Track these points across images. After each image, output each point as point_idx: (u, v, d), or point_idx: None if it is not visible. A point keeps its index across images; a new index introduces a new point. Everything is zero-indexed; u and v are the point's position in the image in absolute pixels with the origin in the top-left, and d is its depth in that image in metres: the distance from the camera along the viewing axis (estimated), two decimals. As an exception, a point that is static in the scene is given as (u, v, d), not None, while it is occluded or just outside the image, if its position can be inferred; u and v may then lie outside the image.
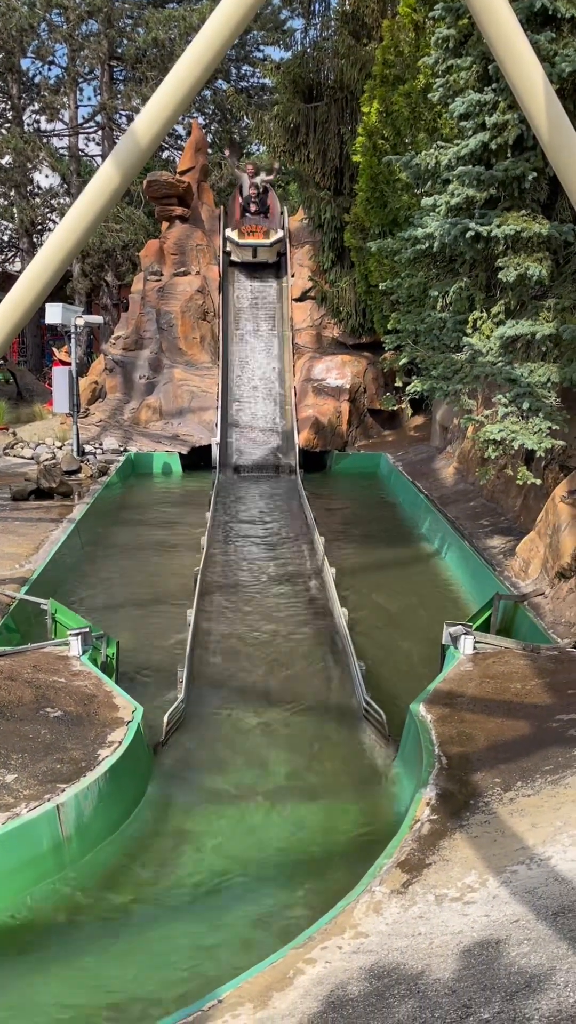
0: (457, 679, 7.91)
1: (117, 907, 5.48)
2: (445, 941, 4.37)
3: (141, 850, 6.09)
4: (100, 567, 13.40)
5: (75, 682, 7.70)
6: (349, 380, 23.39)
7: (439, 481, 18.02)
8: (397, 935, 4.46)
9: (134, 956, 5.03)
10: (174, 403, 23.48)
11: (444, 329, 12.68)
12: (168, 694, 8.57)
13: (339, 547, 14.30)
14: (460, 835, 5.43)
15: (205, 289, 24.46)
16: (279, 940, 4.95)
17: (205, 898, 5.56)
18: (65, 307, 20.73)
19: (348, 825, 6.49)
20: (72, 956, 5.02)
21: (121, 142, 4.93)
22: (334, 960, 4.29)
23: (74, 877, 5.70)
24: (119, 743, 6.61)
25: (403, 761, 7.16)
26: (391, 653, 9.95)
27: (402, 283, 13.62)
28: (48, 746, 6.54)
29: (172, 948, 5.11)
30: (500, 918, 4.53)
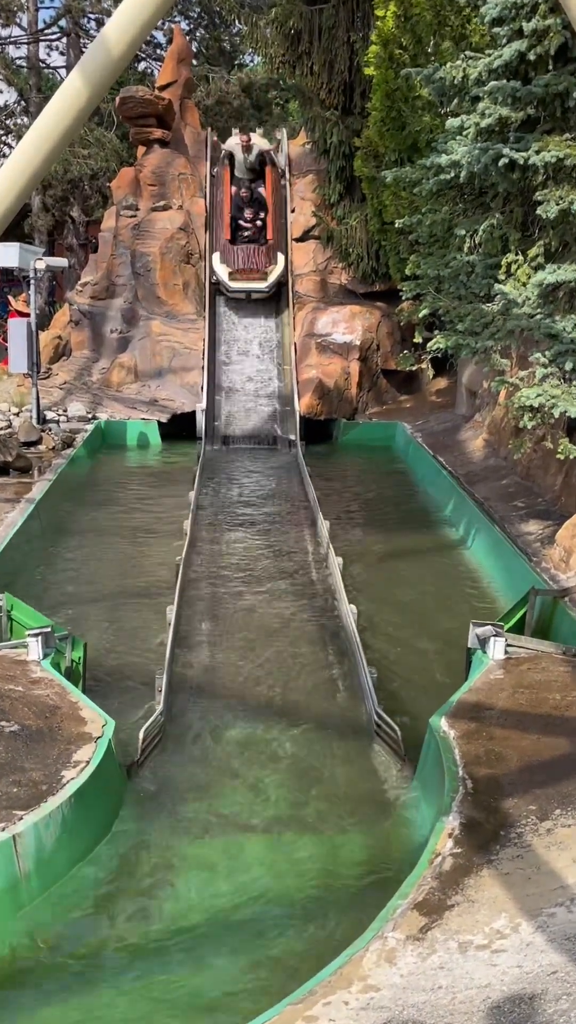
0: (485, 689, 7.91)
1: (83, 954, 5.49)
2: (470, 996, 4.39)
3: (111, 888, 6.10)
4: (64, 556, 13.40)
5: (35, 691, 7.70)
6: (359, 335, 23.34)
7: (465, 455, 18.00)
8: (414, 989, 4.48)
9: (103, 1011, 5.05)
10: (152, 362, 23.43)
11: (472, 275, 12.64)
12: (144, 705, 8.58)
13: (347, 533, 14.30)
14: (488, 872, 5.44)
15: (189, 227, 24.38)
16: (274, 994, 4.97)
17: (186, 945, 5.57)
18: (23, 247, 20.65)
19: (356, 860, 6.51)
20: (33, 1010, 5.04)
21: (89, 51, 4.89)
22: (339, 1018, 4.30)
23: (33, 919, 5.70)
24: (86, 763, 6.62)
25: (421, 784, 7.17)
26: (407, 658, 9.96)
27: (423, 220, 13.57)
28: (2, 766, 6.55)
29: (147, 1004, 5.13)
30: (535, 969, 4.54)
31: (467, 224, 12.60)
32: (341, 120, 23.73)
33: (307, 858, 6.47)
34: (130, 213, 24.66)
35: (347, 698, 9.00)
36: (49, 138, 5.01)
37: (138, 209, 24.68)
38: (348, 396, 23.02)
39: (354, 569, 12.34)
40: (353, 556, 12.81)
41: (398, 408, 23.39)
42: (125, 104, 24.73)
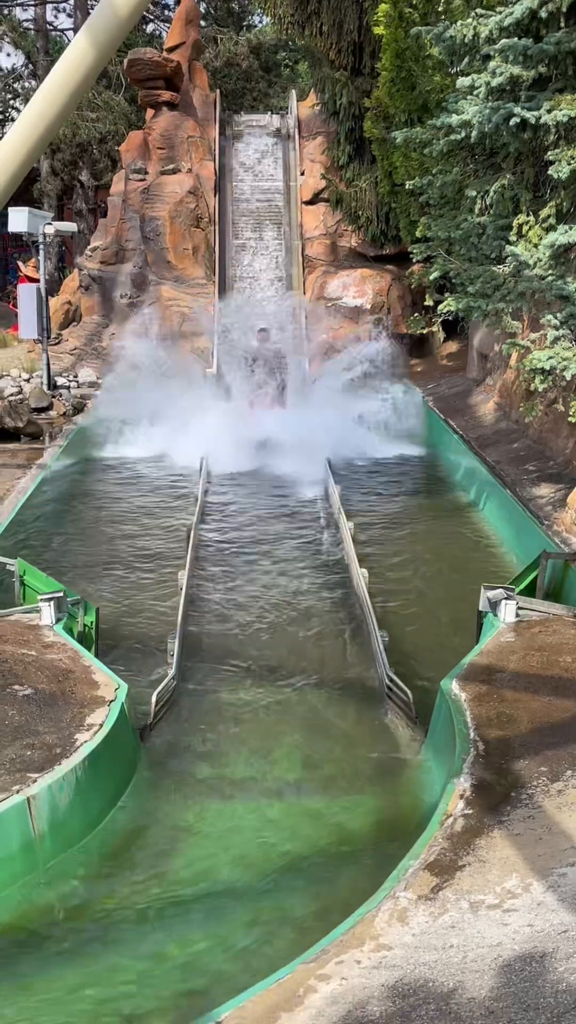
0: (496, 651, 7.92)
1: (98, 915, 5.54)
2: (481, 955, 4.42)
3: (125, 850, 6.14)
4: (76, 521, 13.42)
5: (48, 655, 7.74)
6: (370, 299, 23.22)
7: (476, 419, 17.95)
8: (425, 948, 4.51)
9: (117, 971, 5.10)
10: (162, 327, 23.35)
11: (483, 236, 12.55)
12: (157, 669, 8.61)
13: (358, 497, 14.29)
14: (499, 832, 5.47)
15: (198, 190, 24.24)
16: (287, 953, 5.01)
17: (200, 905, 5.62)
18: (32, 212, 20.56)
19: (367, 821, 6.54)
20: (45, 971, 5.09)
21: (96, 12, 4.85)
22: (352, 976, 4.34)
23: (48, 880, 5.75)
24: (100, 726, 6.65)
25: (432, 747, 7.20)
26: (418, 621, 9.97)
27: (433, 181, 13.45)
28: (16, 729, 6.59)
29: (162, 962, 5.17)
30: (546, 928, 4.57)
31: (478, 185, 12.49)
32: (351, 81, 23.51)
33: (318, 819, 6.50)
34: (139, 177, 24.50)
35: (357, 660, 9.02)
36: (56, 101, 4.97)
37: (147, 173, 24.53)
38: (359, 360, 22.92)
39: (365, 532, 12.33)
40: (364, 520, 12.80)
41: (409, 372, 23.29)
42: (133, 66, 24.53)
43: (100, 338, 23.92)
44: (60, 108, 5.13)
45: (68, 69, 4.92)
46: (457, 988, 4.18)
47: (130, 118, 32.61)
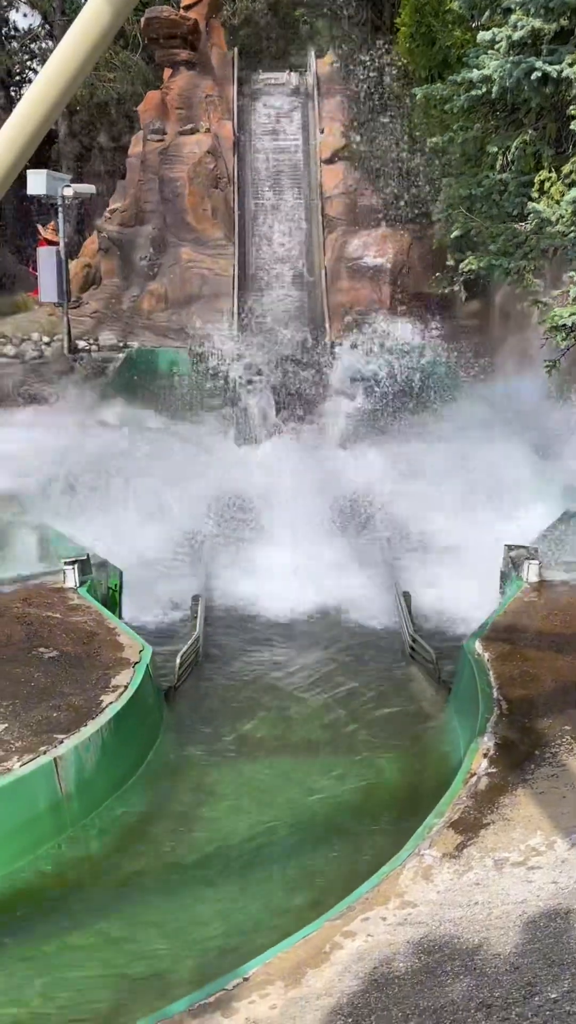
0: (519, 611, 7.92)
1: (126, 874, 5.59)
2: (506, 911, 4.45)
3: (152, 809, 6.19)
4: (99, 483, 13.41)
5: (72, 617, 7.78)
6: (390, 258, 23.00)
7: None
8: (450, 905, 4.54)
9: (146, 928, 5.15)
10: (182, 289, 23.23)
11: (505, 193, 12.43)
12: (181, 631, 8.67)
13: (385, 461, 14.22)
14: (523, 791, 5.48)
15: (217, 150, 24.03)
16: (313, 911, 5.06)
17: (227, 864, 5.67)
18: (50, 175, 20.46)
19: (392, 780, 6.57)
20: (78, 928, 5.15)
21: (112, -32, 4.78)
22: (377, 933, 4.38)
23: (76, 840, 5.81)
24: (124, 687, 6.69)
25: (456, 706, 7.21)
26: (441, 583, 9.96)
27: (454, 138, 13.33)
28: (43, 691, 6.64)
29: (190, 919, 5.23)
30: (570, 885, 4.59)
31: (499, 141, 12.37)
32: (370, 37, 23.19)
33: (343, 778, 6.53)
34: (157, 137, 24.31)
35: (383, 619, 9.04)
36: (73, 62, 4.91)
37: (165, 133, 24.33)
38: (379, 321, 22.78)
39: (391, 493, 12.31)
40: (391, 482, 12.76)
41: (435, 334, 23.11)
42: (150, 25, 24.26)
43: (120, 301, 23.83)
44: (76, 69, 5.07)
45: (85, 29, 4.86)
46: (482, 944, 4.22)
47: (148, 78, 32.30)
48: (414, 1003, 3.85)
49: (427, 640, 8.25)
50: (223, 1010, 3.95)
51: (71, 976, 4.82)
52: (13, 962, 4.91)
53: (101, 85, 32.36)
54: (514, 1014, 3.70)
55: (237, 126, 24.49)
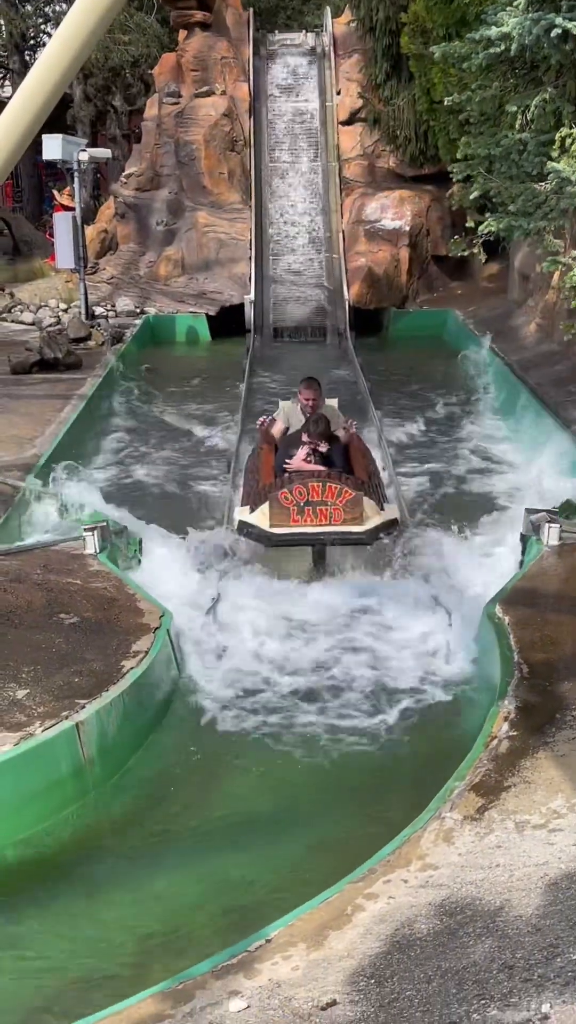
0: (540, 575, 7.91)
1: (149, 837, 5.63)
2: (528, 873, 4.46)
3: (174, 773, 6.22)
4: (116, 452, 13.46)
5: (92, 584, 7.81)
6: (409, 220, 22.86)
7: (518, 341, 17.74)
8: (471, 867, 4.56)
9: (170, 890, 5.20)
10: (198, 254, 23.16)
11: (524, 153, 12.27)
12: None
13: (399, 424, 14.21)
14: (544, 754, 5.49)
15: (233, 112, 23.86)
16: (334, 873, 5.08)
17: (247, 827, 5.70)
18: (66, 139, 20.33)
19: (413, 743, 6.58)
20: (101, 890, 5.20)
21: None
22: (399, 895, 4.40)
23: (98, 804, 5.85)
24: (145, 653, 6.73)
25: (477, 670, 7.21)
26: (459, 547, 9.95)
27: (472, 97, 13.14)
28: (64, 657, 6.67)
29: (212, 882, 5.27)
30: (592, 847, 4.61)
31: (518, 99, 12.18)
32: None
33: (362, 741, 6.55)
34: (172, 100, 24.16)
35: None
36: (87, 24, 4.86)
37: (181, 96, 24.17)
38: (398, 284, 22.65)
39: (406, 458, 12.28)
40: (405, 446, 12.74)
41: (449, 295, 23.00)
42: (164, -14, 24.07)
43: (137, 266, 23.76)
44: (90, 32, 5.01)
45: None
46: (504, 906, 4.23)
47: (162, 40, 32.04)
48: (436, 964, 3.88)
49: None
50: (246, 971, 3.98)
51: (95, 937, 4.87)
52: (36, 923, 4.96)
53: (116, 48, 32.15)
54: (536, 975, 3.72)
55: (253, 88, 24.29)
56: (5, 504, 9.95)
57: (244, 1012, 3.73)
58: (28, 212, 34.97)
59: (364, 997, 3.73)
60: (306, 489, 8.56)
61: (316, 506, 8.55)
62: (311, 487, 8.56)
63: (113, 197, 25.33)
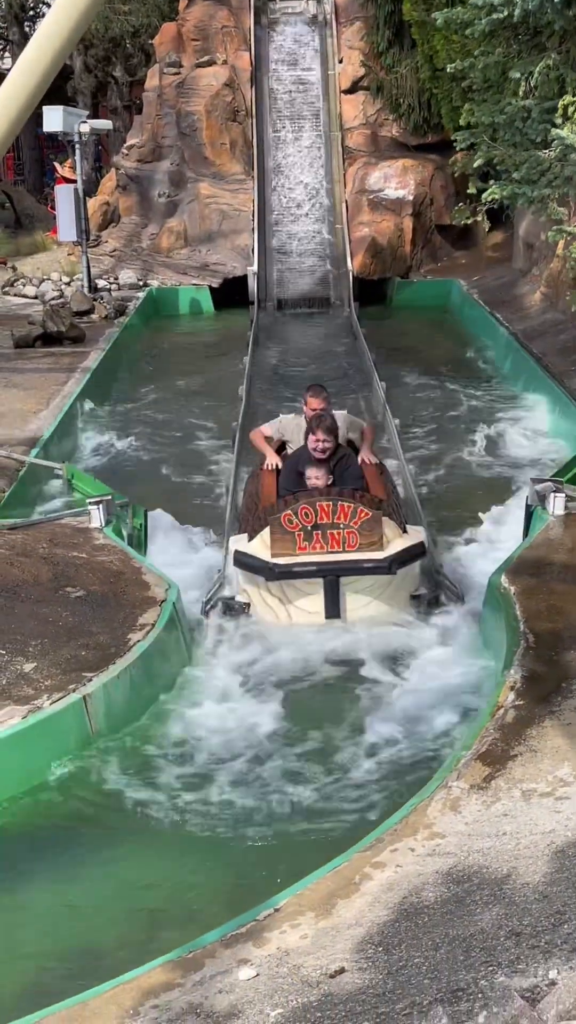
0: (545, 545, 7.90)
1: (156, 805, 5.64)
2: (534, 841, 4.48)
3: (181, 742, 6.24)
4: (121, 425, 13.45)
5: (98, 557, 7.82)
6: (412, 190, 22.71)
7: (523, 310, 17.67)
8: (478, 835, 4.58)
9: (180, 858, 5.22)
10: (201, 226, 23.05)
11: (528, 120, 12.18)
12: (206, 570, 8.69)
13: (404, 394, 14.17)
14: (551, 722, 5.51)
15: (234, 82, 23.69)
16: (341, 843, 5.11)
17: (256, 795, 5.72)
18: (67, 111, 20.22)
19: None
20: (110, 859, 5.23)
21: None
22: (406, 864, 4.42)
23: (103, 775, 5.86)
24: (152, 625, 6.74)
25: (483, 640, 7.23)
26: (465, 516, 9.95)
27: (475, 64, 13.03)
28: (70, 630, 6.69)
29: (221, 849, 5.29)
30: (598, 815, 4.63)
31: (522, 66, 12.09)
32: (389, -40, 22.71)
33: (369, 708, 6.56)
34: (173, 71, 23.98)
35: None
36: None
37: (182, 66, 23.99)
38: (401, 254, 22.53)
39: (411, 428, 12.26)
40: (409, 416, 12.71)
41: (453, 265, 22.89)
42: (164, -46, 23.87)
43: (140, 239, 23.66)
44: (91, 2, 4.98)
45: (97, -43, 4.76)
46: (511, 874, 4.26)
47: (163, 10, 31.77)
48: (444, 932, 3.90)
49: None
50: (254, 940, 4.01)
51: (102, 906, 4.90)
52: (40, 892, 5.00)
53: (116, 18, 31.93)
54: (543, 942, 3.74)
55: (254, 57, 24.09)
56: (10, 479, 9.96)
57: (253, 980, 3.76)
58: (30, 185, 34.84)
59: (372, 965, 3.76)
60: (313, 510, 7.28)
61: (326, 530, 7.29)
62: (319, 507, 7.28)
63: (115, 169, 25.20)
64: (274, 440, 8.79)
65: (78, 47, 28.35)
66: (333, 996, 3.59)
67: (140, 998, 3.76)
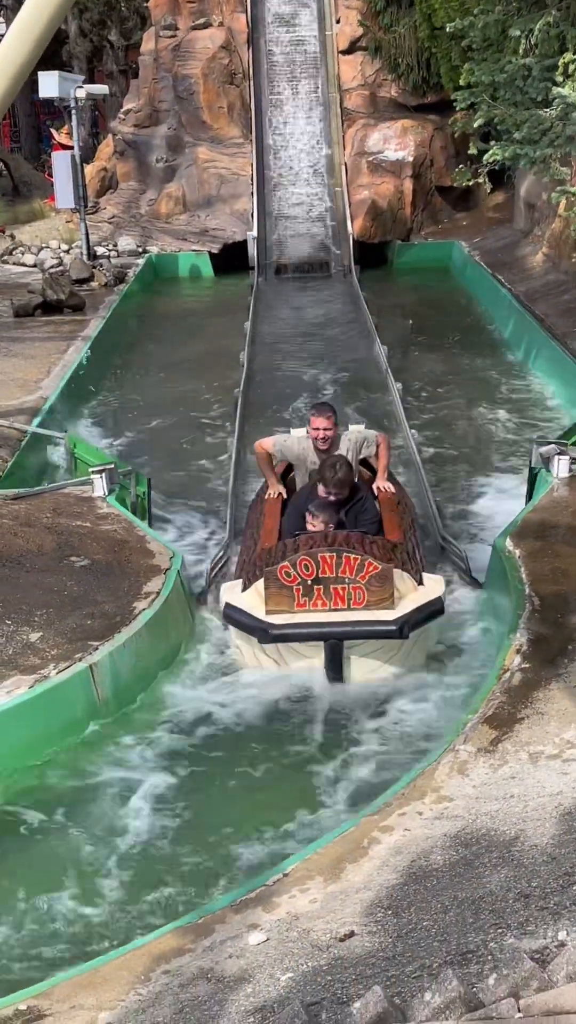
0: (550, 507, 7.89)
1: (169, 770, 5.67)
2: (542, 803, 4.49)
3: (187, 708, 6.26)
4: (123, 393, 13.41)
5: (102, 526, 7.81)
6: (412, 151, 22.52)
7: (525, 272, 17.56)
8: (486, 798, 4.60)
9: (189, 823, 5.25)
10: (200, 191, 22.90)
11: (528, 79, 12.05)
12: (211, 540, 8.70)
13: (405, 358, 14.12)
14: (557, 685, 5.51)
15: (231, 45, 23.44)
16: (350, 807, 5.14)
17: (268, 756, 5.74)
18: (62, 76, 20.02)
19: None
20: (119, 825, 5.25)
21: None
22: (414, 827, 4.44)
23: (113, 742, 5.88)
24: (156, 594, 6.74)
25: (488, 604, 7.22)
26: (470, 480, 9.94)
27: (475, 22, 12.89)
28: (75, 599, 6.69)
29: (230, 813, 5.32)
30: (605, 777, 4.64)
31: (522, 23, 11.95)
32: None
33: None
34: (169, 33, 23.73)
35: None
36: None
37: (177, 29, 23.74)
38: (402, 216, 22.38)
39: (413, 392, 12.22)
40: (412, 380, 12.66)
41: (454, 227, 22.73)
42: None
43: (138, 205, 23.50)
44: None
45: None
46: (519, 836, 4.27)
47: (157, -29, 31.50)
48: (452, 894, 3.92)
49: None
50: (264, 905, 4.04)
51: (114, 871, 4.92)
52: (50, 859, 5.02)
53: (110, -20, 31.54)
54: (552, 903, 3.76)
55: (251, 18, 23.82)
56: (12, 448, 9.94)
57: (263, 945, 3.78)
58: (26, 152, 34.56)
59: (381, 928, 3.78)
60: (314, 562, 6.35)
61: (329, 584, 6.37)
62: (321, 559, 6.35)
63: (112, 135, 25.01)
64: (276, 460, 7.88)
65: (72, 11, 28.07)
66: (343, 959, 3.61)
67: (151, 964, 3.78)
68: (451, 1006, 3.02)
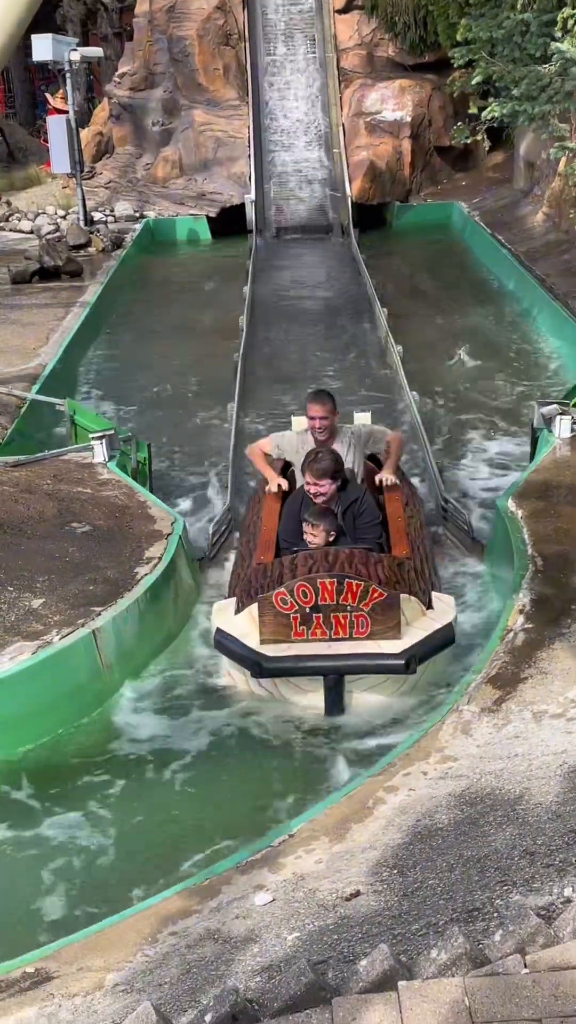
0: (552, 467, 7.87)
1: (169, 739, 5.68)
2: (546, 762, 4.50)
3: (191, 674, 6.26)
4: (122, 359, 13.36)
5: (103, 492, 7.79)
6: (410, 111, 22.30)
7: (525, 231, 17.45)
8: (490, 758, 4.60)
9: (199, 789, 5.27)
10: (196, 154, 22.70)
11: (527, 35, 11.94)
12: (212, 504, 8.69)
13: (406, 320, 14.04)
14: (560, 644, 5.51)
15: (226, 5, 23.18)
16: (355, 769, 5.15)
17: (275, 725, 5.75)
18: (56, 39, 19.81)
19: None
20: (124, 790, 5.27)
21: None
22: (419, 787, 4.45)
23: (115, 709, 5.89)
24: (158, 559, 6.73)
25: (491, 565, 7.22)
26: (472, 442, 9.92)
27: (472, -23, 12.77)
28: (77, 565, 6.68)
29: (237, 779, 5.34)
30: (609, 734, 4.64)
31: (520, -22, 11.83)
32: None
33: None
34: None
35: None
36: None
37: (172, -11, 23.49)
38: (401, 177, 22.19)
39: (413, 356, 12.16)
40: (412, 343, 12.60)
41: (454, 187, 22.56)
42: None
43: (135, 169, 23.32)
44: None
45: None
46: (523, 795, 4.28)
47: None
48: (458, 853, 3.93)
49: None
50: (270, 866, 4.05)
51: (118, 836, 4.95)
52: (58, 824, 5.04)
53: None
54: (558, 860, 3.77)
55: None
56: (11, 415, 9.91)
57: (270, 905, 3.80)
58: (21, 118, 34.27)
59: (387, 887, 3.79)
60: (313, 588, 5.77)
61: (329, 612, 5.79)
62: (321, 585, 5.76)
63: (107, 98, 24.78)
64: (274, 460, 7.36)
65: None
66: (349, 919, 3.63)
67: (158, 925, 3.80)
68: (457, 962, 3.03)
